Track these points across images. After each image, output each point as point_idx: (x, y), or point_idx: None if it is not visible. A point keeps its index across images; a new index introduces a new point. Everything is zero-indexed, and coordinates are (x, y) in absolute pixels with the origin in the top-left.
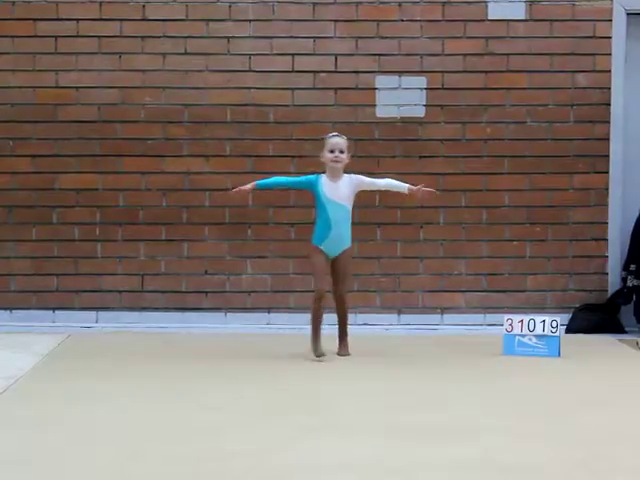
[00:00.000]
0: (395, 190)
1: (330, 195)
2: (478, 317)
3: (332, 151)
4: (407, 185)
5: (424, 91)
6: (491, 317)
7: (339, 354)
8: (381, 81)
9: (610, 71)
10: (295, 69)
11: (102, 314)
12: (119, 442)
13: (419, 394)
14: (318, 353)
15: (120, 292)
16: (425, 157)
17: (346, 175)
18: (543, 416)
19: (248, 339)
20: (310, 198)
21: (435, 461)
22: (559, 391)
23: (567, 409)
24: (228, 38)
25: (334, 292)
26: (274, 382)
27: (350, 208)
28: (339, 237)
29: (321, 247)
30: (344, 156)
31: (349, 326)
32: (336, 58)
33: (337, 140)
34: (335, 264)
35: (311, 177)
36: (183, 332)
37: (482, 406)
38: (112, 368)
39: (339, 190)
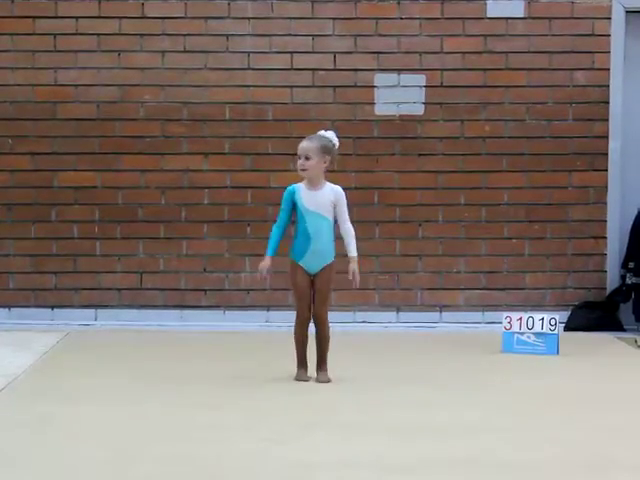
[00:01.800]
0: (345, 244)
1: (308, 205)
2: (477, 315)
3: (298, 157)
4: (352, 256)
5: (423, 89)
6: (490, 315)
7: (318, 380)
8: (380, 79)
9: (609, 69)
10: (294, 67)
11: (101, 312)
12: (118, 440)
13: (418, 392)
14: (301, 377)
15: (119, 290)
16: (424, 155)
17: (329, 185)
18: (542, 414)
19: (247, 337)
20: None
21: (434, 459)
22: (557, 389)
23: (566, 407)
24: (227, 36)
25: (313, 313)
26: (273, 380)
27: (332, 221)
28: (320, 251)
29: (301, 264)
30: (312, 162)
31: (349, 324)
32: (335, 56)
33: (302, 145)
34: (316, 281)
35: (289, 190)
36: (182, 330)
37: (481, 404)
38: (111, 366)
39: (318, 199)
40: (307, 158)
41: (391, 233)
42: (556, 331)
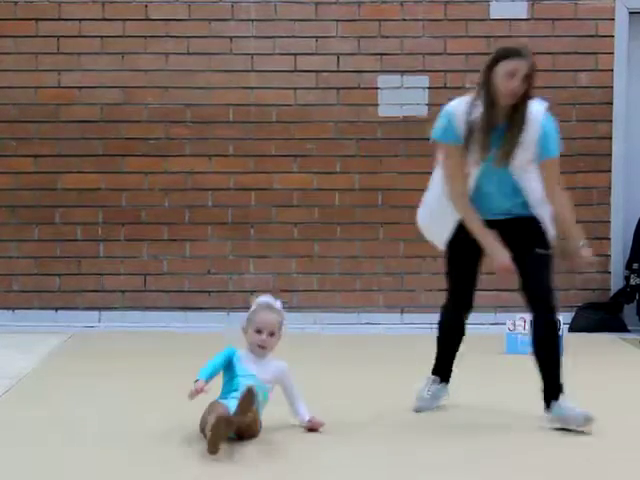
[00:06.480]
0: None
1: (249, 370)
2: (480, 316)
3: (259, 331)
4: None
5: (426, 90)
6: (494, 316)
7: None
8: (383, 80)
9: (612, 70)
10: (297, 69)
11: (105, 314)
12: (121, 443)
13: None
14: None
15: (123, 292)
16: (428, 156)
17: (274, 360)
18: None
19: None
20: (314, 197)
21: (436, 460)
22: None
23: None
24: (230, 38)
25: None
26: None
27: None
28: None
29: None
30: (275, 339)
31: (353, 325)
32: (338, 58)
33: (268, 318)
34: None
35: (229, 352)
36: (186, 332)
37: (483, 404)
38: (115, 368)
39: (262, 368)
40: (272, 334)
41: (395, 234)
42: (560, 332)
